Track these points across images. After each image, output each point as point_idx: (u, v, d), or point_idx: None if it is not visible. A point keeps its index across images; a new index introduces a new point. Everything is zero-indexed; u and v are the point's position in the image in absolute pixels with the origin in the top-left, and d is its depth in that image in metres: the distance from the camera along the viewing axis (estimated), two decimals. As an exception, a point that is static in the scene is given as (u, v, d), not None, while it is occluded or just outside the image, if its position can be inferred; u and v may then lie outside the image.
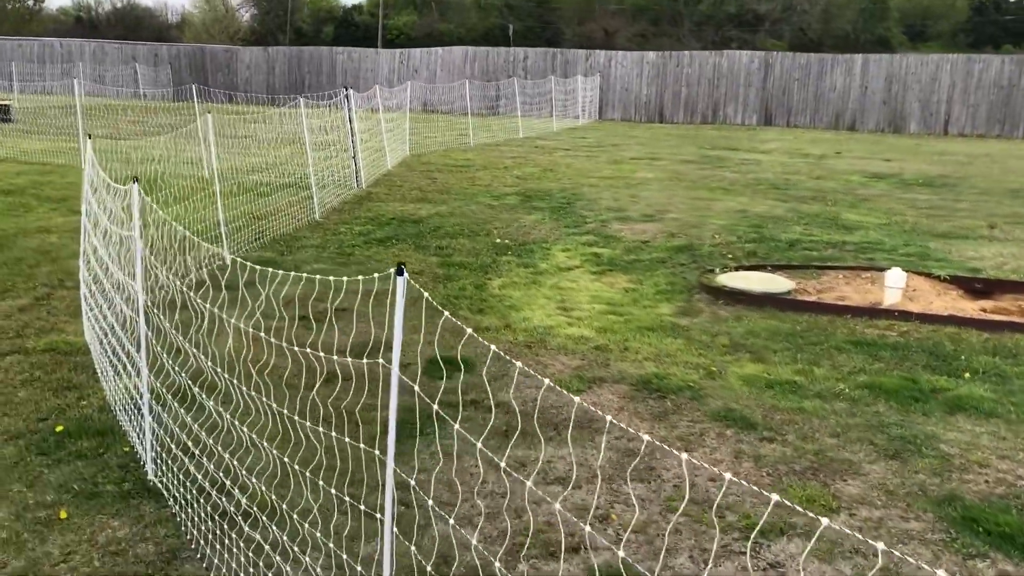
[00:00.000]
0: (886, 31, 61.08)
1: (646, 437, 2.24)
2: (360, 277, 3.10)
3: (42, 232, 9.68)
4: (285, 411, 4.16)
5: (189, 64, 42.71)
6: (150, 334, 4.53)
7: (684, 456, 1.99)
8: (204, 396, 4.18)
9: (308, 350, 3.52)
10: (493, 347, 2.63)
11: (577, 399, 3.02)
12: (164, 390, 4.52)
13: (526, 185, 13.93)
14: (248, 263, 3.72)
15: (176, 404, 4.45)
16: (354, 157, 13.26)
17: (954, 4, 64.77)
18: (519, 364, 2.66)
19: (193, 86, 13.47)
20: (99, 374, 5.38)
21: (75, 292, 7.27)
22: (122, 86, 38.72)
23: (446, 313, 3.03)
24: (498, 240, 9.71)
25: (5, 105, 24.50)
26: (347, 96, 13.08)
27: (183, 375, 4.20)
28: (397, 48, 42.46)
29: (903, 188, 14.53)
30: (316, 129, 11.06)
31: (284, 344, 3.88)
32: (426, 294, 2.71)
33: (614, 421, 2.87)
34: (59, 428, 4.57)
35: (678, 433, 4.78)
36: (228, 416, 4.10)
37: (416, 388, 3.35)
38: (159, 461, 4.17)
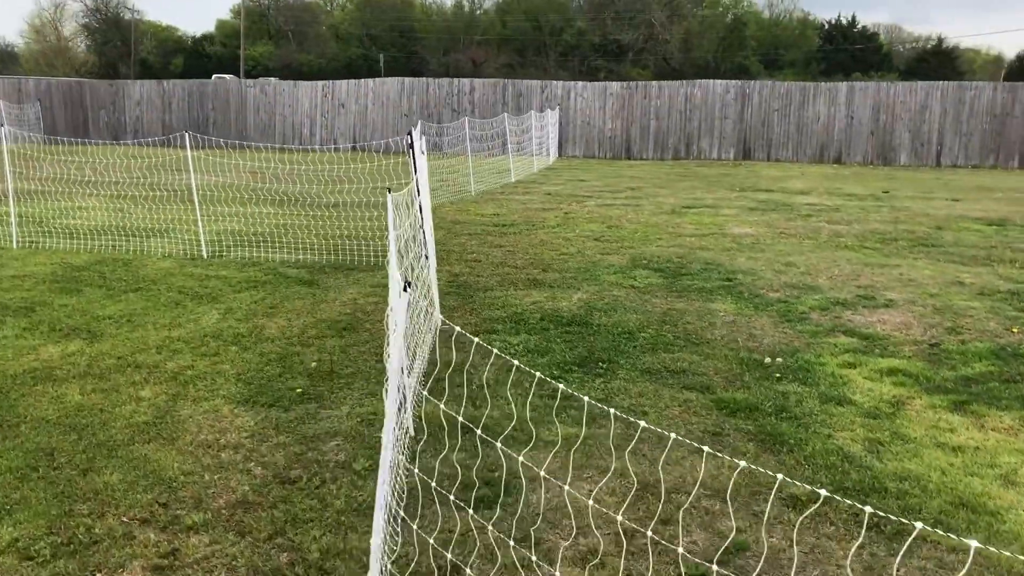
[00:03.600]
0: (744, 60, 62.38)
1: None
2: None
3: (44, 380, 6.04)
4: None
5: (64, 100, 37.71)
6: None
7: None
8: None
9: None
10: None
11: None
12: None
13: (629, 252, 11.03)
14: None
15: None
16: (422, 226, 10.01)
17: (804, 33, 67.01)
18: None
19: (187, 134, 9.90)
20: None
21: (212, 541, 3.85)
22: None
23: None
24: (738, 353, 6.78)
25: None
26: (411, 145, 9.84)
27: None
28: (256, 78, 38.69)
29: (1046, 237, 12.50)
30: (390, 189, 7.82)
31: None
32: None
33: None
34: None
35: None
36: None
37: None
38: None
